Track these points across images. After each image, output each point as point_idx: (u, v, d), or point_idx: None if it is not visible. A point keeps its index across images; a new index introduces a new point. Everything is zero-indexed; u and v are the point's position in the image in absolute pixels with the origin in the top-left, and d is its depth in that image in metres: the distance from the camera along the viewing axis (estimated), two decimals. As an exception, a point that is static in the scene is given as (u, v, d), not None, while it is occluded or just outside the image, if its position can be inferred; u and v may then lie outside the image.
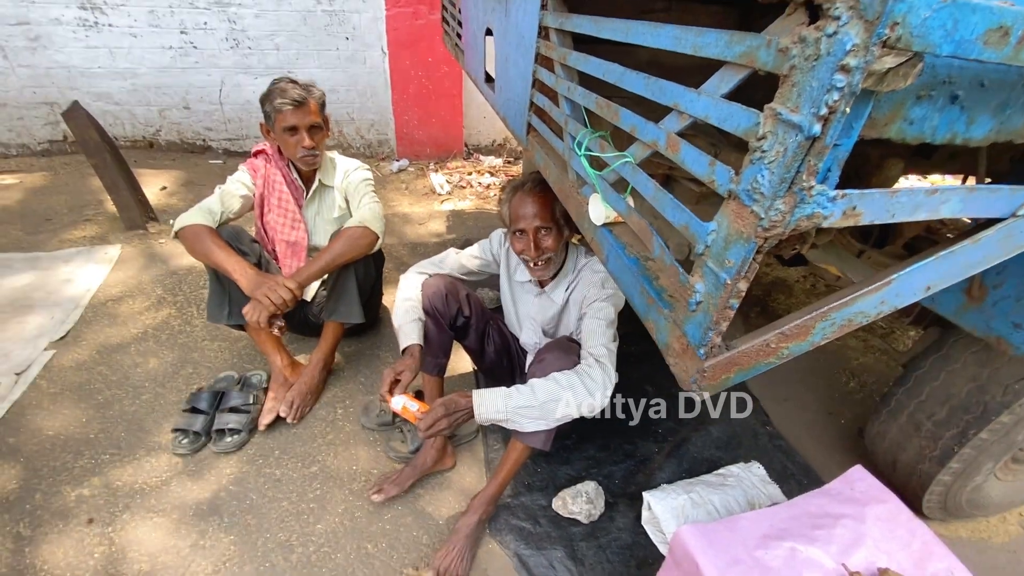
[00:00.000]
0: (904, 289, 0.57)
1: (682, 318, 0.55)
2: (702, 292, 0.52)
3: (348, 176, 1.86)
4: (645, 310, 0.63)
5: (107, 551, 1.37)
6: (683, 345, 0.56)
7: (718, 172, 0.49)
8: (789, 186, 0.42)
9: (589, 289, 1.43)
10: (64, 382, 1.86)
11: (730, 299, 0.48)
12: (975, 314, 1.12)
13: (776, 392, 2.06)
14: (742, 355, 0.53)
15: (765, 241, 0.44)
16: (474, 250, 1.66)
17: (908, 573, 1.04)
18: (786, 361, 0.55)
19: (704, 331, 0.51)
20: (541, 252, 1.39)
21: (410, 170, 4.06)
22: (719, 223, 0.50)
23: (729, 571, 1.04)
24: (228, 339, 2.10)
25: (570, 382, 1.20)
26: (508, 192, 1.44)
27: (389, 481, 1.53)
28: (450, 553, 1.34)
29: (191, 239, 1.57)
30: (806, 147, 0.40)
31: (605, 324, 1.32)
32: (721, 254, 0.49)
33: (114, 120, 3.75)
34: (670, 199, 0.56)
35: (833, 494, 1.25)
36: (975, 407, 1.25)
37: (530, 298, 1.60)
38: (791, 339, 0.53)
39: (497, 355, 1.70)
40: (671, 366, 0.60)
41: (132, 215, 2.83)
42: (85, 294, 2.32)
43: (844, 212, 0.45)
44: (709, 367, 0.52)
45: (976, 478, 1.35)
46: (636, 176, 0.64)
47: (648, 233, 0.61)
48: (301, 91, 1.61)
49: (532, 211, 1.35)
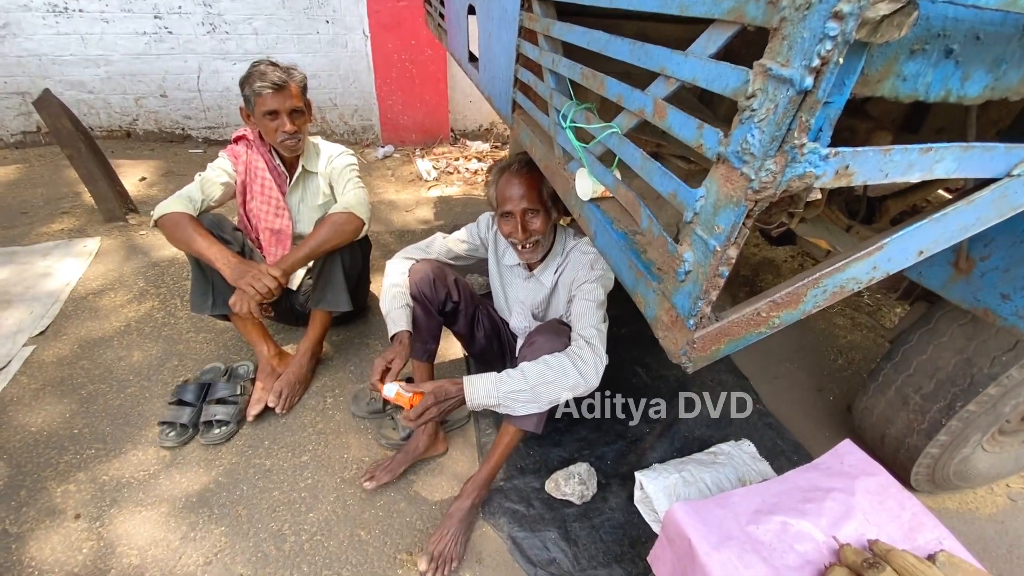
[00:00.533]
0: (896, 254, 0.55)
1: (671, 289, 0.54)
2: (691, 261, 0.50)
3: (332, 162, 1.81)
4: (634, 284, 0.62)
5: (96, 546, 1.34)
6: (672, 317, 0.54)
7: (706, 135, 0.47)
8: (780, 145, 0.40)
9: (578, 271, 1.42)
10: (46, 377, 1.82)
11: (720, 267, 0.46)
12: (963, 286, 1.12)
13: (765, 371, 2.07)
14: (732, 325, 0.52)
15: (755, 204, 0.42)
16: (461, 234, 1.64)
17: (898, 544, 1.05)
18: (776, 332, 0.54)
19: (693, 301, 0.50)
20: (529, 234, 1.37)
21: (395, 156, 4.00)
22: (708, 188, 0.48)
23: (721, 547, 1.05)
24: (213, 330, 2.06)
25: (561, 364, 1.20)
26: (495, 174, 1.41)
27: (381, 468, 1.52)
28: (443, 538, 1.34)
29: (171, 227, 1.53)
30: (797, 102, 0.38)
31: (595, 305, 1.32)
32: (710, 220, 0.47)
33: (89, 109, 3.65)
34: (657, 167, 0.54)
35: (823, 468, 1.26)
36: (962, 379, 1.26)
37: (519, 282, 1.59)
38: (782, 307, 0.52)
39: (487, 340, 1.69)
40: (660, 340, 0.58)
41: (111, 206, 2.76)
42: (64, 288, 2.26)
43: (837, 171, 0.44)
44: (699, 338, 0.51)
45: (964, 450, 1.37)
46: (623, 147, 0.62)
47: (636, 204, 0.60)
48: (281, 74, 1.56)
49: (519, 193, 1.33)
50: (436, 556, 1.31)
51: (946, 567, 1.00)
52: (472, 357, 1.89)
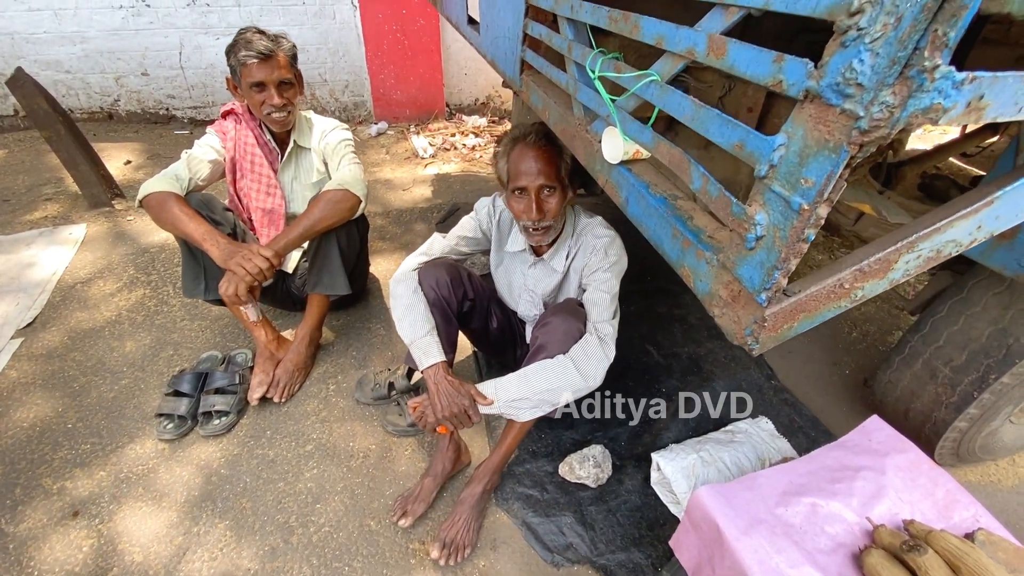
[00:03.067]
0: (1007, 210, 0.47)
1: (734, 259, 0.46)
2: (764, 224, 0.43)
3: (325, 136, 1.71)
4: (679, 255, 0.54)
5: (96, 544, 1.29)
6: (734, 292, 0.47)
7: (788, 68, 0.39)
8: (902, 70, 0.32)
9: (591, 256, 1.32)
10: (36, 371, 1.75)
11: (805, 229, 0.39)
12: (1005, 252, 1.05)
13: (779, 346, 2.01)
14: (810, 299, 0.44)
15: (860, 148, 0.35)
16: (462, 230, 1.46)
17: (933, 523, 1.01)
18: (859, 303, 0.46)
19: (767, 272, 0.42)
20: (543, 215, 1.24)
21: (390, 133, 3.87)
22: (789, 134, 0.40)
23: (751, 531, 1.00)
24: (208, 317, 1.99)
25: (564, 368, 1.18)
26: (506, 144, 1.26)
27: (412, 499, 1.36)
28: (455, 524, 1.29)
29: (156, 208, 1.44)
30: (933, 9, 0.30)
31: (609, 298, 1.25)
32: (794, 173, 0.40)
33: (67, 90, 3.49)
34: (716, 114, 0.46)
35: (850, 446, 1.21)
36: (996, 351, 1.21)
37: (524, 268, 1.47)
38: (869, 277, 0.45)
39: (500, 331, 1.58)
40: (716, 317, 0.51)
41: (95, 191, 2.65)
42: (51, 277, 2.18)
43: (969, 103, 0.35)
44: (771, 315, 0.44)
45: (993, 423, 1.32)
46: (666, 96, 0.54)
47: (684, 161, 0.52)
48: (268, 43, 1.45)
49: (535, 167, 1.19)
50: (448, 543, 1.27)
51: (985, 546, 0.95)
52: (482, 350, 1.80)
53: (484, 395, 1.22)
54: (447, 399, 1.22)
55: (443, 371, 1.25)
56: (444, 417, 1.22)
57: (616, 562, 1.29)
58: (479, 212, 1.47)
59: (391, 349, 1.90)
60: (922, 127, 0.36)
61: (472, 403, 1.22)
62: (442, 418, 1.22)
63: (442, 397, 1.22)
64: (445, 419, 1.22)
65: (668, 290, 2.26)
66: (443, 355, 1.27)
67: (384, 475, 1.47)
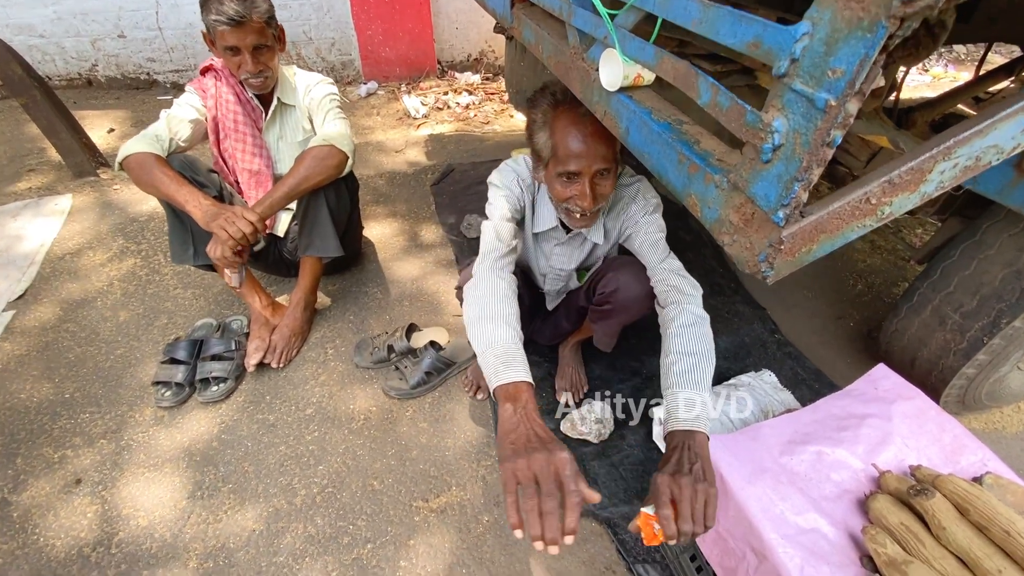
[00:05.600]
0: None
1: (747, 176, 0.41)
2: (784, 131, 0.38)
3: (310, 92, 1.63)
4: (686, 183, 0.49)
5: (100, 509, 1.30)
6: (747, 215, 0.42)
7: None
8: None
9: (629, 207, 1.19)
10: (29, 343, 1.73)
11: (831, 130, 0.34)
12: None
13: (782, 300, 1.98)
14: (832, 217, 0.40)
15: (901, 24, 0.30)
16: (501, 210, 1.15)
17: (940, 468, 1.00)
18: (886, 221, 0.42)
19: (786, 185, 0.38)
20: (598, 201, 1.03)
21: (380, 93, 3.73)
22: (815, 20, 0.35)
23: (755, 480, 0.99)
24: (201, 285, 1.95)
25: (706, 329, 1.03)
26: (545, 111, 1.00)
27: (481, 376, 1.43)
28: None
29: (136, 169, 1.38)
30: None
31: (663, 236, 1.16)
32: (819, 65, 0.34)
33: (43, 56, 3.35)
34: (728, 10, 0.40)
35: (856, 395, 1.19)
36: (1009, 294, 1.17)
37: (550, 247, 1.30)
38: (899, 190, 0.40)
39: (530, 304, 1.45)
40: (726, 247, 0.47)
41: (78, 160, 2.57)
42: (39, 249, 2.13)
43: None
44: (788, 236, 0.39)
45: (1002, 369, 1.30)
46: (669, 2, 0.48)
47: (691, 75, 0.46)
48: (239, 6, 1.34)
49: (593, 149, 0.95)
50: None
51: (994, 489, 0.94)
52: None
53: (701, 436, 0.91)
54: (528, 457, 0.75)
55: (527, 395, 0.85)
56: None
57: (619, 515, 1.30)
58: (509, 188, 1.17)
59: (388, 312, 1.87)
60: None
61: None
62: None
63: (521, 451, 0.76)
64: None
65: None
66: (528, 373, 0.89)
67: (386, 436, 1.47)
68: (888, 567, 0.82)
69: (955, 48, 5.07)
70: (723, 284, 2.03)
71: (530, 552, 1.22)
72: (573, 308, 1.44)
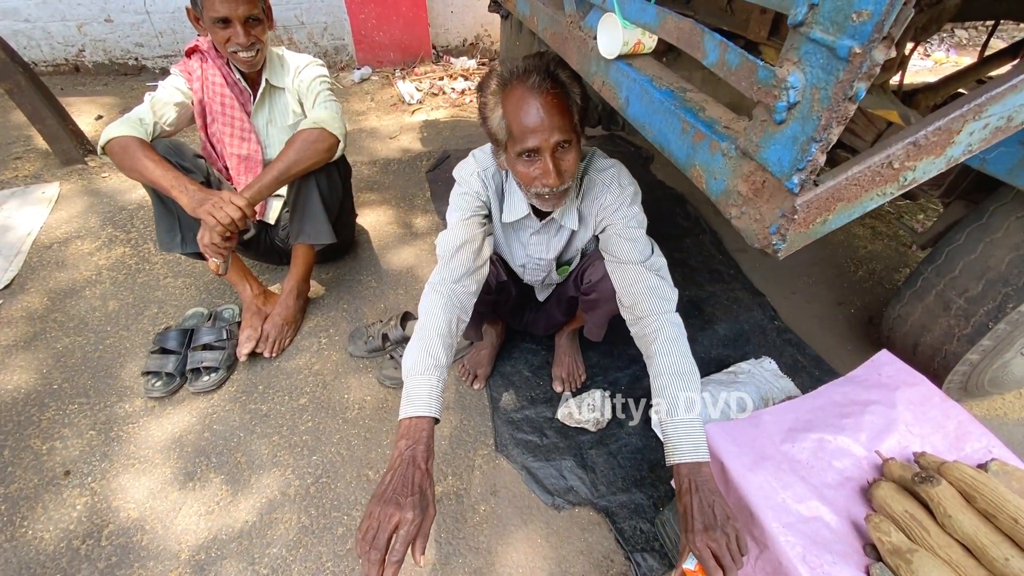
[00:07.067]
0: None
1: (758, 141, 0.38)
2: (800, 86, 0.34)
3: (299, 74, 1.58)
4: (690, 153, 0.46)
5: (90, 501, 1.28)
6: (757, 184, 0.39)
7: None
8: None
9: (603, 194, 1.13)
10: (16, 333, 1.69)
11: (855, 82, 0.31)
12: (1037, 170, 0.97)
13: (782, 286, 1.96)
14: (851, 184, 0.36)
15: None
16: (461, 212, 1.13)
17: (944, 455, 0.98)
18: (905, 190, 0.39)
19: (801, 148, 0.34)
20: (563, 177, 0.97)
21: (374, 79, 3.66)
22: (837, -45, 0.31)
23: (757, 468, 0.97)
24: (192, 273, 1.92)
25: (682, 337, 1.02)
26: (495, 90, 0.96)
27: (478, 364, 1.56)
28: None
29: (120, 154, 1.34)
30: None
31: (643, 231, 1.10)
32: (842, 8, 0.31)
33: (28, 41, 3.27)
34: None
35: (859, 381, 1.17)
36: (1016, 278, 1.14)
37: (525, 237, 1.25)
38: (924, 153, 0.37)
39: (519, 296, 1.46)
40: (734, 220, 0.44)
41: (66, 148, 2.52)
42: (26, 238, 2.09)
43: None
44: (802, 205, 0.36)
45: (1006, 355, 1.28)
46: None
47: (696, 33, 0.42)
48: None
49: (547, 120, 0.90)
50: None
51: (1000, 476, 0.92)
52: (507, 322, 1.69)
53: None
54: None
55: (425, 432, 0.87)
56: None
57: (617, 503, 1.28)
58: (469, 184, 1.14)
59: (383, 301, 1.84)
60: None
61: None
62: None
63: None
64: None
65: (668, 234, 2.18)
66: (438, 409, 0.91)
67: (381, 426, 1.45)
68: (892, 555, 0.80)
69: (956, 33, 5.01)
70: (722, 270, 2.01)
71: (527, 542, 1.21)
72: (564, 298, 1.42)
